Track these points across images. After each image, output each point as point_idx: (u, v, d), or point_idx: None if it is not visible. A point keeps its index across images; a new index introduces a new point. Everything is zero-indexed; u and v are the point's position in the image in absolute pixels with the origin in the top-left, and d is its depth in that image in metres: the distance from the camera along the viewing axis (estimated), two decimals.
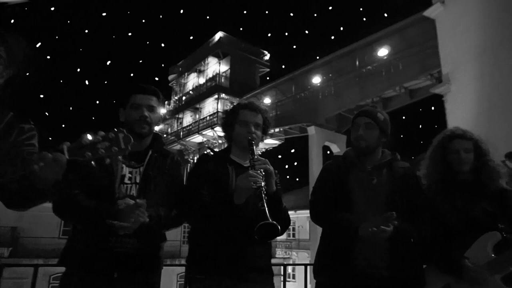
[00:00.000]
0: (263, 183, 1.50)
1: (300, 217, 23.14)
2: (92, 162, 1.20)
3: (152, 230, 1.56)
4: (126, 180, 1.62)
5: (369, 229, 1.52)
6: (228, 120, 1.84)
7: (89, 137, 1.19)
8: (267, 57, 31.79)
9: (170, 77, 34.35)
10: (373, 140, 1.80)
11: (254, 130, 1.75)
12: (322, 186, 1.86)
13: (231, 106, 1.91)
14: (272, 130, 22.70)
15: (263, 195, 1.45)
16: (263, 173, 1.55)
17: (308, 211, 1.86)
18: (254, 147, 1.68)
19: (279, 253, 23.92)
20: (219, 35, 30.25)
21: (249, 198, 1.54)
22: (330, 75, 19.97)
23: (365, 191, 1.74)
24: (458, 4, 10.80)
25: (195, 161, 1.85)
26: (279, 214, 1.58)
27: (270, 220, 1.38)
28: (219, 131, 25.67)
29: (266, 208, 1.41)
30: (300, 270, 18.91)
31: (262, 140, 1.88)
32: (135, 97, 1.69)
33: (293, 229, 24.74)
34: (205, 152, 1.85)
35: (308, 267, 2.17)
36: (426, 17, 12.24)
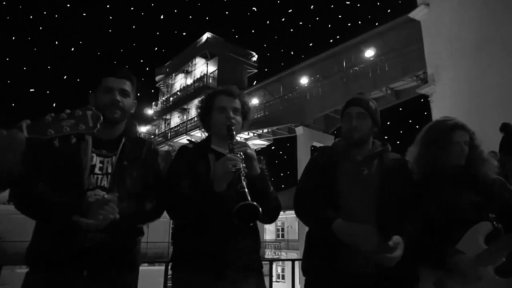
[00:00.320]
0: (242, 165, 1.40)
1: (289, 218, 23.19)
2: (55, 141, 1.07)
3: (125, 226, 1.41)
4: (97, 171, 1.46)
5: (352, 230, 1.49)
6: (204, 108, 1.75)
7: (53, 115, 1.07)
8: (255, 58, 31.80)
9: (157, 78, 34.02)
10: (366, 130, 1.74)
11: (232, 115, 1.66)
12: (308, 178, 1.78)
13: (206, 94, 1.80)
14: (260, 131, 22.69)
15: (243, 177, 1.35)
16: (243, 156, 1.46)
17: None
18: (234, 132, 1.59)
19: (268, 253, 23.90)
20: (206, 35, 30.11)
21: (231, 189, 1.43)
22: (318, 76, 20.08)
23: (355, 183, 1.67)
24: (442, 6, 11.00)
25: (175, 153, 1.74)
26: (266, 199, 1.51)
27: (250, 201, 1.27)
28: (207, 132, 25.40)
29: (246, 190, 1.30)
30: (289, 270, 18.91)
31: (243, 127, 1.78)
32: (107, 80, 1.53)
33: (282, 230, 24.77)
34: (185, 144, 1.74)
35: (296, 262, 2.12)
36: (412, 18, 12.43)
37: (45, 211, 1.37)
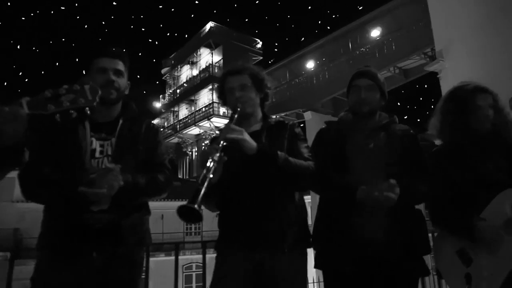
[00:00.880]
0: (215, 157, 1.33)
1: None
2: (57, 117, 1.07)
3: (131, 197, 1.42)
4: (97, 154, 1.47)
5: (372, 193, 1.43)
6: (219, 94, 1.76)
7: (52, 90, 1.08)
8: (260, 45, 31.52)
9: (163, 71, 34.04)
10: (375, 103, 1.72)
11: (239, 95, 1.62)
12: (316, 151, 1.75)
13: (218, 80, 1.78)
14: None
15: (204, 173, 1.27)
16: (221, 145, 1.39)
17: (310, 197, 1.77)
18: (236, 114, 1.56)
19: None
20: (209, 25, 29.89)
21: (244, 164, 1.42)
22: (324, 59, 19.84)
23: (362, 156, 1.65)
24: None
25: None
26: (277, 170, 1.48)
27: (196, 203, 1.18)
28: (215, 122, 25.62)
29: (201, 189, 1.22)
30: None
31: (266, 98, 1.74)
32: (100, 60, 1.52)
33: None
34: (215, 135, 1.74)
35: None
36: None
37: (51, 190, 1.39)
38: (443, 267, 1.64)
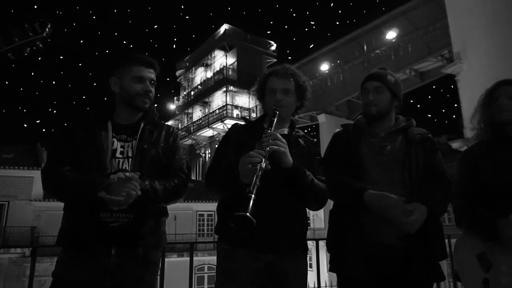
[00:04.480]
0: (262, 165, 1.34)
1: None
2: (10, 55, 1.05)
3: (148, 204, 1.45)
4: (118, 155, 1.52)
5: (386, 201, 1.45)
6: (258, 89, 1.76)
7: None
8: (274, 47, 31.53)
9: (178, 73, 34.37)
10: (384, 104, 1.70)
11: (281, 98, 1.62)
12: (331, 154, 1.76)
13: (262, 75, 1.78)
14: None
15: (255, 180, 1.29)
16: (267, 152, 1.39)
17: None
18: (275, 118, 1.56)
19: None
20: (224, 27, 30.06)
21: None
22: (338, 61, 19.75)
23: (378, 159, 1.64)
24: None
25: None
26: (302, 188, 1.50)
27: (249, 212, 1.19)
28: (229, 123, 25.72)
29: (252, 196, 1.24)
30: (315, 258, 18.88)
31: (301, 106, 1.74)
32: (139, 69, 1.57)
33: (308, 219, 24.82)
34: (237, 122, 1.75)
35: (320, 242, 2.12)
36: None
37: (72, 189, 1.43)
38: (462, 270, 1.62)
